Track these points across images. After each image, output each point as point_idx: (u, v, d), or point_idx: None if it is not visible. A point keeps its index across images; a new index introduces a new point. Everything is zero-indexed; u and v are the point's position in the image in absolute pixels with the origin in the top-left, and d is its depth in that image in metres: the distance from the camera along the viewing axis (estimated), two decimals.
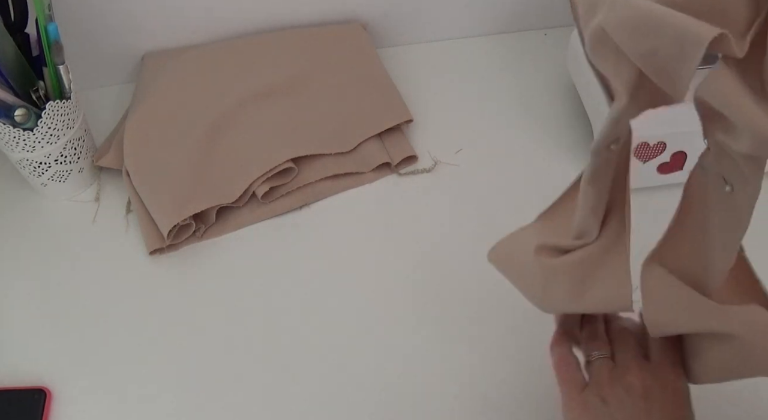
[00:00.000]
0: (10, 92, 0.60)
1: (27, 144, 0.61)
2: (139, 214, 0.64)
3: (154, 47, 0.77)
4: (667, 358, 0.44)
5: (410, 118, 0.70)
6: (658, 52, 0.34)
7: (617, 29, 0.36)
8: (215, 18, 0.76)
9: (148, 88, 0.72)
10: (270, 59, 0.74)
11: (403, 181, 0.68)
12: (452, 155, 0.70)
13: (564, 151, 0.70)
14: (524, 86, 0.76)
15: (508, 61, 0.79)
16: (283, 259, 0.63)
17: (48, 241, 0.65)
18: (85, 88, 0.74)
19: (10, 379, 0.56)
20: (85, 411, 0.55)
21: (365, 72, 0.74)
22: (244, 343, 0.55)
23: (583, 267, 0.43)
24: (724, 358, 0.41)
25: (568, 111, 0.73)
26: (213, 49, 0.76)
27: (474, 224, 0.65)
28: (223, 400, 0.54)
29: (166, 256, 0.63)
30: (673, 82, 0.35)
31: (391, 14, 0.78)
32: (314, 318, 0.59)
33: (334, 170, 0.67)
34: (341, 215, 0.66)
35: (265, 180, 0.65)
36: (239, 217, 0.65)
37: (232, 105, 0.70)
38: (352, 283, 0.59)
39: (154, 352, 0.58)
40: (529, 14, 0.81)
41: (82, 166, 0.67)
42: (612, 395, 0.43)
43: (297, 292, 0.60)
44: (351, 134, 0.69)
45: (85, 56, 0.74)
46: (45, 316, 0.60)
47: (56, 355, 0.58)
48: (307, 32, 0.77)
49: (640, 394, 0.42)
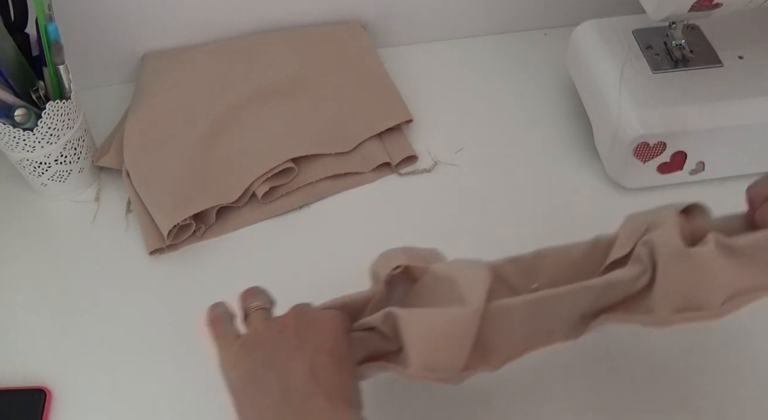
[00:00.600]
0: (10, 92, 0.60)
1: (27, 144, 0.61)
2: (139, 214, 0.64)
3: (154, 47, 0.77)
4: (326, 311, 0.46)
5: (410, 118, 0.71)
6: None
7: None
8: (215, 18, 0.76)
9: (148, 88, 0.72)
10: (270, 59, 0.74)
11: (403, 181, 0.68)
12: (452, 155, 0.70)
13: (564, 151, 0.70)
14: (524, 86, 0.76)
15: (508, 61, 0.79)
16: (283, 259, 0.63)
17: (48, 241, 0.65)
18: (85, 88, 0.74)
19: (10, 379, 0.56)
20: (85, 411, 0.55)
21: (365, 72, 0.74)
22: None
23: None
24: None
25: (568, 111, 0.73)
26: (213, 49, 0.76)
27: (474, 224, 0.65)
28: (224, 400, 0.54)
29: (166, 256, 0.63)
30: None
31: (391, 14, 0.78)
32: None
33: (334, 170, 0.67)
34: (341, 215, 0.66)
35: (265, 180, 0.65)
36: (239, 217, 0.65)
37: (232, 105, 0.70)
38: (352, 283, 0.59)
39: (155, 352, 0.58)
40: (529, 14, 0.81)
41: (82, 166, 0.67)
42: (266, 337, 0.43)
43: (297, 292, 0.60)
44: (351, 134, 0.69)
45: (85, 56, 0.74)
46: (45, 315, 0.60)
47: (56, 355, 0.58)
48: (307, 32, 0.77)
49: (294, 331, 0.43)
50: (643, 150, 0.61)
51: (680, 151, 0.62)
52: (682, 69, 0.64)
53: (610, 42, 0.66)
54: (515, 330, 0.45)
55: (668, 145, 0.61)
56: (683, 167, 0.64)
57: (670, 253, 0.42)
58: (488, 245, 0.63)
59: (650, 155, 0.62)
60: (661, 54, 0.65)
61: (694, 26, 0.66)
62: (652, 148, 0.61)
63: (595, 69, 0.66)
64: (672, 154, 0.62)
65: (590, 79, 0.66)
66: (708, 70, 0.64)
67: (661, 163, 0.63)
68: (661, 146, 0.61)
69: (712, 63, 0.64)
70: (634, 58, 0.65)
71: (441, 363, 0.43)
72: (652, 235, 0.43)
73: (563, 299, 0.44)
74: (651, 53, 0.65)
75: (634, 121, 0.60)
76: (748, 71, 0.63)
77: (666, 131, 0.60)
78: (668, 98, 0.62)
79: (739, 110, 0.61)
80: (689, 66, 0.64)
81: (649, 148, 0.61)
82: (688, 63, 0.64)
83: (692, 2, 0.56)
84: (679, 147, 0.62)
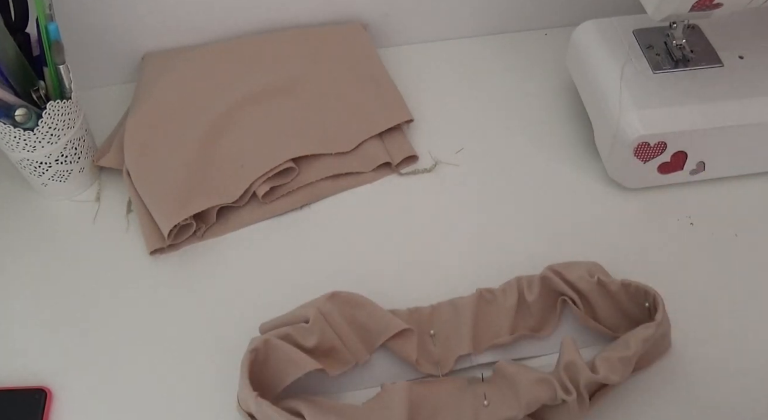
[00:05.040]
0: (10, 92, 0.60)
1: (27, 144, 0.61)
2: (140, 214, 0.64)
3: (154, 47, 0.77)
4: None
5: (410, 117, 0.71)
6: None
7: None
8: (215, 18, 0.76)
9: (148, 88, 0.72)
10: (270, 59, 0.74)
11: (403, 181, 0.68)
12: (452, 155, 0.70)
13: (564, 151, 0.70)
14: (524, 86, 0.76)
15: (508, 61, 0.79)
16: (283, 259, 0.63)
17: (48, 241, 0.65)
18: (85, 88, 0.74)
19: (10, 379, 0.56)
20: (85, 411, 0.55)
21: (365, 72, 0.74)
22: (244, 342, 0.54)
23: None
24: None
25: (568, 111, 0.73)
26: (213, 48, 0.76)
27: (474, 224, 0.65)
28: (224, 400, 0.54)
29: (167, 256, 0.63)
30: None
31: (391, 14, 0.78)
32: None
33: (334, 170, 0.67)
34: (341, 215, 0.66)
35: (265, 180, 0.65)
36: (239, 217, 0.65)
37: (232, 105, 0.70)
38: (352, 283, 0.59)
39: (155, 352, 0.58)
40: (529, 14, 0.81)
41: (82, 166, 0.67)
42: None
43: (297, 292, 0.60)
44: (351, 134, 0.69)
45: (85, 56, 0.74)
46: (45, 315, 0.60)
47: (56, 355, 0.58)
48: (307, 32, 0.77)
49: None
50: (644, 150, 0.61)
51: (681, 150, 0.62)
52: (682, 69, 0.64)
53: (611, 42, 0.66)
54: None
55: (669, 145, 0.61)
56: (684, 167, 0.64)
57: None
58: (488, 245, 0.63)
59: (651, 155, 0.62)
60: (662, 54, 0.65)
61: (695, 26, 0.66)
62: (653, 148, 0.61)
63: (595, 69, 0.66)
64: (672, 154, 0.62)
65: (590, 79, 0.66)
66: (708, 70, 0.64)
67: (662, 162, 0.63)
68: (661, 146, 0.61)
69: (713, 63, 0.64)
70: (635, 58, 0.65)
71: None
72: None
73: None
74: (651, 53, 0.65)
75: (635, 121, 0.60)
76: (749, 71, 0.63)
77: (666, 131, 0.60)
78: (669, 98, 0.62)
79: (740, 110, 0.61)
80: (690, 66, 0.64)
81: (650, 148, 0.61)
82: (688, 63, 0.64)
83: (693, 2, 0.56)
84: (680, 147, 0.62)
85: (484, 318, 0.55)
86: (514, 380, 0.49)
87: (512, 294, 0.56)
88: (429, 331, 0.55)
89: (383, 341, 0.54)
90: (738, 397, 0.53)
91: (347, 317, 0.54)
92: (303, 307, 0.55)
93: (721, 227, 0.63)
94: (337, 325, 0.53)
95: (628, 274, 0.56)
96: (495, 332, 0.55)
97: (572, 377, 0.48)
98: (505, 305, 0.55)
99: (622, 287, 0.54)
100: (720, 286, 0.59)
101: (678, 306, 0.56)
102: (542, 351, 0.55)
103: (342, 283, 0.60)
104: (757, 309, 0.58)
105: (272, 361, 0.51)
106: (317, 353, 0.52)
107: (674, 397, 0.53)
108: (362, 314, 0.54)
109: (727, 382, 0.54)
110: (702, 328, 0.57)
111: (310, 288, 0.60)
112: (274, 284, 0.62)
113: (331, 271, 0.62)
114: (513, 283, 0.56)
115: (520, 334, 0.55)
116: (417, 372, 0.54)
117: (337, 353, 0.53)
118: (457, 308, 0.55)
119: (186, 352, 0.57)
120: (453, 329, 0.55)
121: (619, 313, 0.55)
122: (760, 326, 0.57)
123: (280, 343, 0.51)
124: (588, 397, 0.49)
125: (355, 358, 0.53)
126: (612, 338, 0.53)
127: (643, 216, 0.65)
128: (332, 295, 0.55)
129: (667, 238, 0.63)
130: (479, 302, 0.55)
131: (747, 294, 0.59)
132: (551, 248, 0.62)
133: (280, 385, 0.51)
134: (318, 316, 0.53)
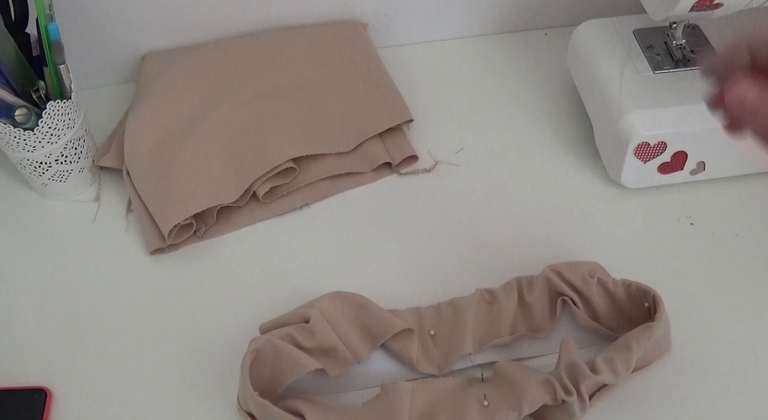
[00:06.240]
0: (10, 92, 0.60)
1: (27, 144, 0.61)
2: (140, 214, 0.64)
3: (154, 47, 0.77)
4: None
5: (411, 118, 0.70)
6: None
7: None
8: (215, 18, 0.76)
9: (148, 88, 0.72)
10: (270, 59, 0.74)
11: (403, 181, 0.68)
12: (452, 155, 0.70)
13: (564, 151, 0.70)
14: (524, 86, 0.76)
15: (508, 61, 0.79)
16: (282, 260, 0.63)
17: (48, 241, 0.65)
18: (85, 88, 0.74)
19: (10, 379, 0.56)
20: (85, 411, 0.55)
21: (365, 72, 0.74)
22: (244, 343, 0.54)
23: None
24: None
25: (568, 111, 0.73)
26: (213, 48, 0.76)
27: (474, 224, 0.65)
28: (224, 400, 0.54)
29: (166, 256, 0.63)
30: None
31: (391, 14, 0.78)
32: None
33: (334, 170, 0.67)
34: (341, 215, 0.66)
35: (265, 180, 0.65)
36: (239, 217, 0.65)
37: (232, 105, 0.70)
38: (352, 283, 0.59)
39: (155, 352, 0.58)
40: (529, 14, 0.81)
41: (82, 166, 0.67)
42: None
43: (297, 292, 0.60)
44: (351, 134, 0.69)
45: (85, 56, 0.74)
46: (45, 315, 0.60)
47: (56, 355, 0.58)
48: (308, 32, 0.77)
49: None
50: (644, 150, 0.61)
51: (681, 150, 0.62)
52: (682, 69, 0.64)
53: (611, 42, 0.66)
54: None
55: (669, 145, 0.61)
56: (684, 167, 0.64)
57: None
58: (488, 245, 0.63)
59: (651, 155, 0.62)
60: (662, 54, 0.65)
61: (695, 26, 0.66)
62: (653, 148, 0.61)
63: (595, 69, 0.66)
64: (672, 154, 0.62)
65: (591, 78, 0.66)
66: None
67: (662, 163, 0.63)
68: (661, 146, 0.61)
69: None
70: (635, 58, 0.65)
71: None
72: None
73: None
74: (652, 53, 0.65)
75: (635, 121, 0.60)
76: None
77: (666, 131, 0.60)
78: (669, 98, 0.62)
79: None
80: (690, 66, 0.64)
81: (650, 148, 0.61)
82: (688, 63, 0.64)
83: (693, 2, 0.56)
84: (680, 147, 0.62)
85: (484, 318, 0.55)
86: (514, 380, 0.49)
87: (512, 294, 0.56)
88: (429, 331, 0.55)
89: (383, 341, 0.54)
90: (738, 397, 0.53)
91: (348, 317, 0.54)
92: (303, 307, 0.55)
93: (721, 227, 0.63)
94: (337, 325, 0.53)
95: (628, 274, 0.56)
96: (495, 332, 0.55)
97: (573, 377, 0.48)
98: (505, 305, 0.55)
99: (622, 287, 0.54)
100: (720, 286, 0.59)
101: (678, 306, 0.56)
102: (542, 351, 0.55)
103: (342, 283, 0.60)
104: (757, 309, 0.58)
105: (273, 361, 0.51)
106: (317, 353, 0.52)
107: (674, 397, 0.53)
108: (362, 314, 0.54)
109: (727, 382, 0.54)
110: (702, 328, 0.57)
111: (310, 288, 0.60)
112: (274, 284, 0.61)
113: (332, 271, 0.62)
114: (513, 283, 0.56)
115: (520, 334, 0.55)
116: (417, 372, 0.54)
117: (338, 353, 0.53)
118: (457, 308, 0.55)
119: (186, 352, 0.57)
120: (453, 329, 0.55)
121: (619, 313, 0.55)
122: (760, 326, 0.57)
123: (280, 343, 0.51)
124: (588, 397, 0.49)
125: (355, 358, 0.53)
126: (612, 338, 0.53)
127: (643, 216, 0.65)
128: (332, 295, 0.55)
129: (667, 238, 0.63)
130: (479, 302, 0.55)
131: (747, 294, 0.59)
132: (551, 248, 0.62)
133: (280, 385, 0.51)
134: (318, 316, 0.53)
